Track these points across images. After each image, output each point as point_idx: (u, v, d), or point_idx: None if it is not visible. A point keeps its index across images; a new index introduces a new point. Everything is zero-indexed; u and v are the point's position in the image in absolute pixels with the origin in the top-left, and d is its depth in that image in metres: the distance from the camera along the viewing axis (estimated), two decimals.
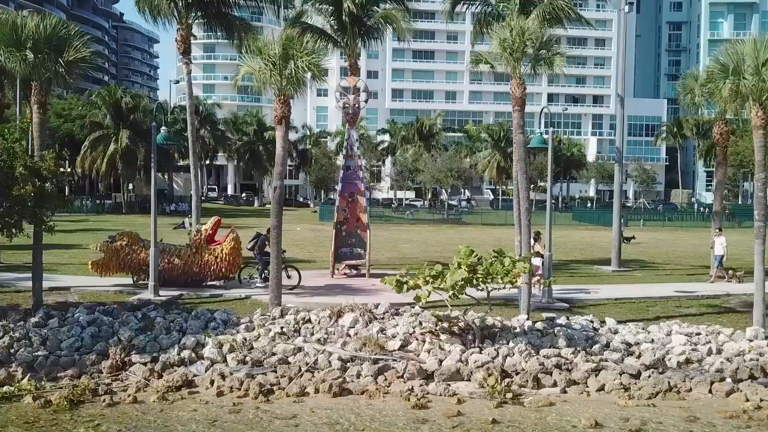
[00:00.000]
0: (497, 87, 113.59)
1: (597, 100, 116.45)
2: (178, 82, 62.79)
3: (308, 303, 17.82)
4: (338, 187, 22.48)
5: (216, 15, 23.72)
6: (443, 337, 15.37)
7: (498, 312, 17.73)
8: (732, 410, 13.02)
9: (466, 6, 22.75)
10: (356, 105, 21.90)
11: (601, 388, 13.96)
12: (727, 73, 16.04)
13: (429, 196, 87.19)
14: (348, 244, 21.49)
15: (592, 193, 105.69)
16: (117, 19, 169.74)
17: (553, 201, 73.56)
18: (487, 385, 13.73)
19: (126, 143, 53.88)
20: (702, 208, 75.30)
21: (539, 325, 16.21)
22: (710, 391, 13.94)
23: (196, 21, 25.20)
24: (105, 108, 56.88)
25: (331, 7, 24.28)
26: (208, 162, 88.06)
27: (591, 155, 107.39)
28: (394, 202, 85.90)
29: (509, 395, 13.47)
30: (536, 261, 20.86)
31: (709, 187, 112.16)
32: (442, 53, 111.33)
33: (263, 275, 20.68)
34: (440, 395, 13.53)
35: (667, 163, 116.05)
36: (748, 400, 13.56)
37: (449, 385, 13.97)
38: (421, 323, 15.96)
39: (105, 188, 63.14)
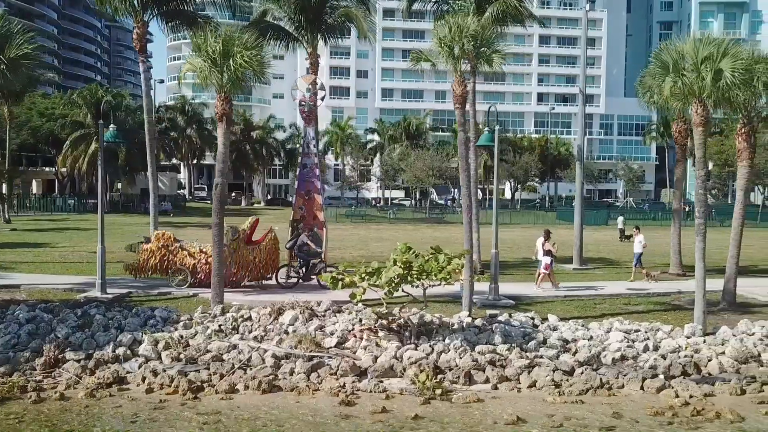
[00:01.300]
0: (487, 86, 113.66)
1: (586, 99, 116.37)
2: (162, 81, 62.74)
3: (254, 301, 17.81)
4: (295, 185, 22.48)
5: (174, 12, 23.64)
6: (381, 333, 15.38)
7: (442, 309, 17.75)
8: (659, 407, 13.04)
9: (422, 4, 22.75)
10: (313, 103, 21.88)
11: (533, 385, 13.98)
12: (668, 71, 16.06)
13: (417, 196, 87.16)
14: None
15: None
16: (110, 18, 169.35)
17: (539, 200, 73.36)
18: (418, 381, 13.75)
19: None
20: (686, 207, 75.29)
21: (478, 321, 16.23)
22: (642, 388, 13.97)
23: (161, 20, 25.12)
24: (86, 107, 56.83)
25: (292, 5, 24.23)
26: (195, 161, 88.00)
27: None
28: (380, 201, 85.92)
29: (438, 391, 13.49)
30: (546, 259, 20.96)
31: None
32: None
33: (301, 274, 20.72)
34: (370, 392, 13.53)
35: (657, 163, 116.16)
36: (678, 397, 13.60)
37: (381, 381, 13.97)
38: (361, 320, 15.96)
39: (87, 187, 62.99)
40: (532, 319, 16.76)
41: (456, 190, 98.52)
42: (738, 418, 12.66)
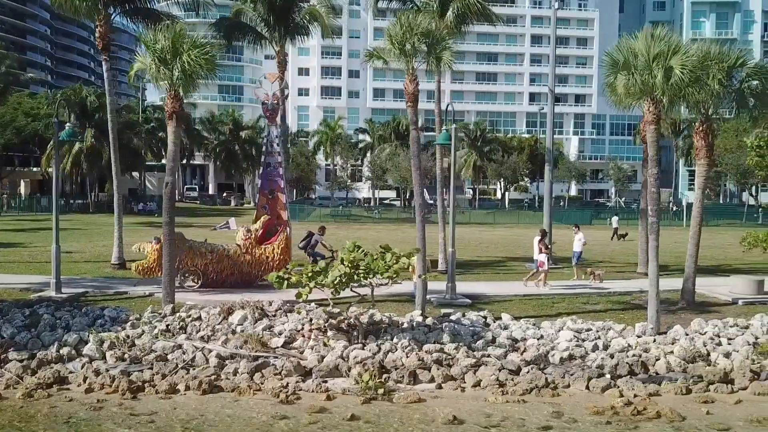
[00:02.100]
0: (479, 86, 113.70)
1: (579, 99, 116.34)
2: (149, 81, 62.61)
3: (210, 300, 17.68)
4: (258, 184, 22.39)
5: (137, 11, 23.51)
6: (330, 333, 15.28)
7: (398, 308, 17.65)
8: (602, 406, 12.95)
9: (387, 2, 22.67)
10: (275, 102, 21.78)
11: (477, 384, 13.89)
12: (618, 68, 15.98)
13: (407, 195, 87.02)
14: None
15: (573, 192, 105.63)
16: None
17: (527, 201, 73.07)
18: (362, 381, 13.66)
19: (91, 142, 53.72)
20: (675, 207, 75.34)
21: (429, 321, 16.13)
22: (587, 387, 13.88)
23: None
24: (70, 107, 56.70)
25: (261, 4, 24.14)
26: (185, 161, 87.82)
27: (573, 154, 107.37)
28: (370, 201, 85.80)
29: (380, 391, 13.40)
30: (542, 257, 20.92)
31: (691, 186, 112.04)
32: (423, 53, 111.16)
33: None
34: (312, 392, 13.44)
35: None
36: (622, 396, 13.51)
37: (326, 381, 13.88)
38: (311, 320, 15.86)
39: (71, 187, 62.84)
40: (484, 318, 16.66)
41: (445, 190, 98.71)
42: (678, 417, 12.58)
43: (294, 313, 16.24)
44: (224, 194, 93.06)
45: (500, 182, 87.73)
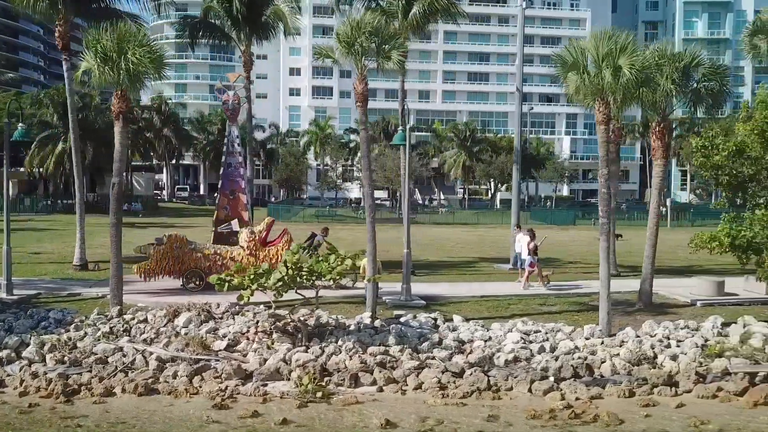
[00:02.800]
0: (470, 86, 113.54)
1: (571, 99, 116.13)
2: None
3: (160, 302, 17.51)
4: (219, 185, 22.27)
5: (97, 11, 23.33)
6: (275, 336, 15.14)
7: (350, 310, 17.51)
8: (541, 409, 12.82)
9: (348, 3, 22.54)
10: (236, 102, 21.63)
11: (419, 387, 13.75)
12: (567, 68, 15.85)
13: (398, 195, 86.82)
14: (230, 243, 21.17)
15: (565, 192, 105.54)
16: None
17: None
18: (302, 384, 13.52)
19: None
20: (662, 207, 75.12)
21: (378, 323, 15.99)
22: (530, 390, 13.75)
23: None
24: (53, 107, 56.49)
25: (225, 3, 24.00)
26: (174, 161, 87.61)
27: (565, 154, 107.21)
28: (361, 201, 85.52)
29: (319, 394, 13.26)
30: (530, 258, 20.78)
31: (684, 187, 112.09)
32: (415, 52, 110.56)
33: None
34: (250, 395, 13.30)
35: (642, 162, 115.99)
36: (564, 399, 13.38)
37: (266, 384, 13.74)
38: (258, 322, 15.72)
39: (54, 188, 62.57)
40: (434, 319, 16.51)
41: (437, 190, 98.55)
42: (616, 420, 12.44)
43: (241, 316, 16.09)
44: (215, 194, 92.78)
45: (490, 182, 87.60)
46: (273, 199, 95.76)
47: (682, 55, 17.52)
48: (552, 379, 13.99)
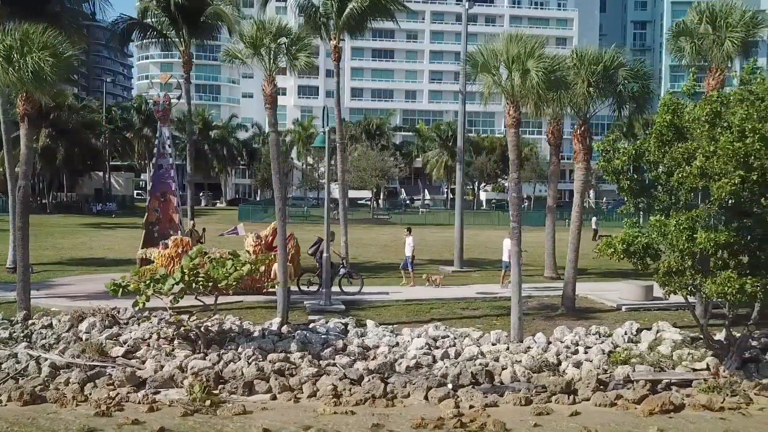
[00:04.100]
0: (457, 86, 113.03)
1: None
2: (113, 80, 62.30)
3: (82, 307, 17.18)
4: (149, 187, 22.07)
5: (33, 12, 23.04)
6: (176, 342, 14.93)
7: (264, 315, 17.29)
8: (429, 418, 12.60)
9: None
10: (167, 103, 21.41)
11: (314, 395, 13.56)
12: (478, 69, 15.65)
13: (381, 196, 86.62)
14: (162, 246, 20.94)
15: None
16: (87, 17, 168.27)
17: (494, 201, 72.01)
18: (192, 392, 13.32)
19: (45, 142, 53.29)
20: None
21: (284, 329, 15.78)
22: (426, 398, 13.56)
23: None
24: None
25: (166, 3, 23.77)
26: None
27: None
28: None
29: (207, 403, 13.06)
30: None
31: None
32: (402, 52, 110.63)
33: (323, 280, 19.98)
34: (139, 403, 13.10)
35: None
36: (458, 407, 13.17)
37: (158, 392, 13.54)
38: (161, 329, 15.50)
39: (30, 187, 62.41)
40: (345, 324, 16.30)
41: (425, 189, 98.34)
42: (502, 430, 12.26)
43: (145, 321, 15.87)
44: (200, 194, 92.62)
45: (473, 182, 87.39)
46: (258, 200, 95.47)
47: (600, 57, 17.32)
48: (450, 386, 13.80)
